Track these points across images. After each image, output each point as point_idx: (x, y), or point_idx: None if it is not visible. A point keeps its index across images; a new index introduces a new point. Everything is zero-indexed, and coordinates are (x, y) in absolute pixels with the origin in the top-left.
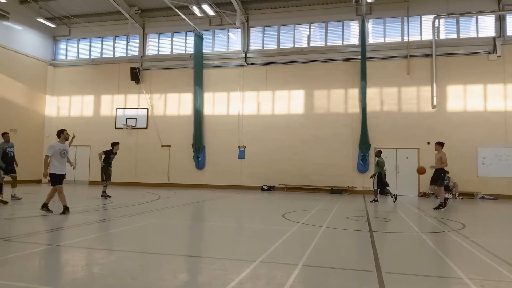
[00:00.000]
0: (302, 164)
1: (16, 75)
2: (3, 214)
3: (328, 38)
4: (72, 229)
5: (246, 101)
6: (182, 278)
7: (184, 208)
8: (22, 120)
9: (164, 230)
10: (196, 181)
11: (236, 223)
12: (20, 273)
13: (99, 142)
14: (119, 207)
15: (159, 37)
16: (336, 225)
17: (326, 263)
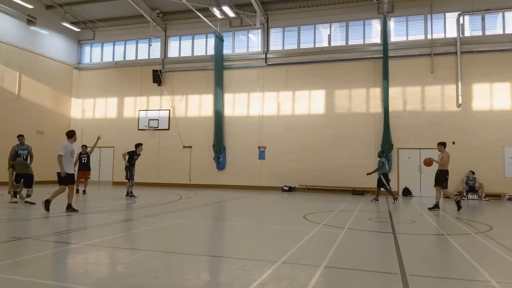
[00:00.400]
0: (323, 164)
1: (42, 78)
2: (31, 214)
3: (349, 37)
4: (97, 228)
5: (266, 101)
6: (204, 278)
7: (205, 209)
8: (49, 122)
9: (186, 230)
10: (216, 181)
11: (257, 224)
12: (48, 271)
13: (123, 143)
14: (142, 207)
15: (180, 39)
16: (358, 226)
17: (349, 265)
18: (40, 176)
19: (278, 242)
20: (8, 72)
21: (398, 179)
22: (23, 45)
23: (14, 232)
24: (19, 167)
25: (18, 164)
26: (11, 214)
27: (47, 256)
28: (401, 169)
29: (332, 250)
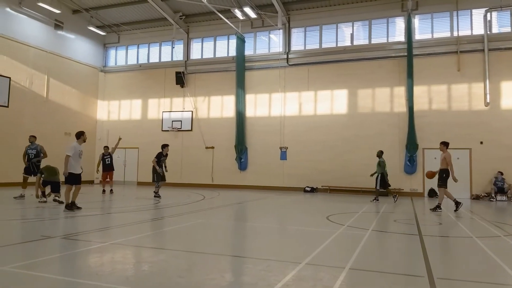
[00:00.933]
0: (346, 165)
1: (70, 81)
2: (60, 214)
3: (372, 36)
4: (123, 227)
5: (288, 102)
6: (228, 278)
7: (228, 209)
8: (76, 124)
9: (210, 230)
10: (238, 182)
11: (279, 224)
12: (76, 269)
13: (147, 144)
14: (166, 207)
15: (203, 41)
16: (383, 228)
17: (374, 267)
18: None
19: (301, 243)
20: (36, 76)
21: (423, 180)
22: (51, 49)
23: (44, 231)
24: (46, 174)
25: (46, 171)
26: (41, 213)
27: (76, 254)
28: (426, 169)
29: (356, 252)
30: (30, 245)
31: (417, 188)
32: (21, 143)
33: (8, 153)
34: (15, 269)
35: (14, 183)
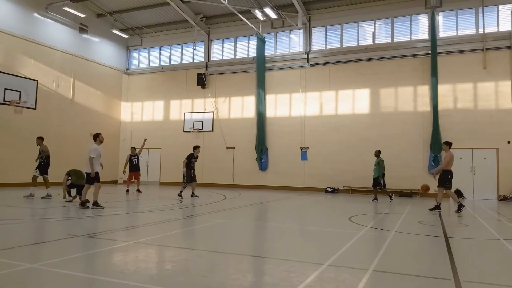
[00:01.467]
0: (368, 165)
1: (94, 83)
2: (86, 213)
3: (394, 34)
4: (147, 227)
5: (309, 102)
6: (250, 278)
7: (249, 209)
8: (100, 125)
9: (231, 230)
10: (259, 182)
11: (301, 225)
12: (102, 267)
13: (169, 145)
14: (188, 207)
15: (223, 43)
16: (407, 229)
17: (399, 269)
18: None
19: (323, 244)
20: (63, 78)
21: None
22: (76, 52)
23: (70, 230)
24: (74, 177)
25: (74, 174)
26: (67, 213)
27: (101, 253)
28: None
29: (380, 254)
30: (58, 244)
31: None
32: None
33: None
34: (44, 266)
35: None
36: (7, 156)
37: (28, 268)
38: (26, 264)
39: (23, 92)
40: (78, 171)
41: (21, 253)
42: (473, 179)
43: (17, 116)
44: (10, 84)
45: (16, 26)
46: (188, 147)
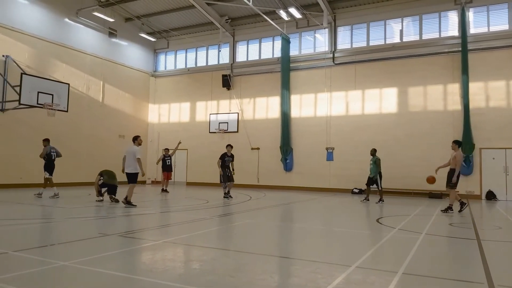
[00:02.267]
0: (396, 166)
1: (123, 86)
2: (115, 212)
3: (423, 31)
4: (174, 226)
5: (334, 101)
6: (277, 279)
7: (274, 210)
8: (129, 127)
9: (257, 230)
10: (284, 183)
11: (327, 226)
12: (131, 266)
13: (195, 146)
14: (214, 207)
15: (248, 44)
16: (437, 232)
17: (429, 272)
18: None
19: (351, 246)
20: (93, 82)
21: (481, 182)
22: (106, 56)
23: (101, 228)
24: (106, 177)
25: (106, 174)
26: (98, 212)
27: (131, 251)
28: (484, 170)
29: (409, 256)
30: (89, 242)
31: (473, 190)
32: (80, 146)
33: (69, 155)
34: (76, 264)
35: (75, 183)
36: None
37: (61, 266)
38: (59, 261)
39: (55, 95)
40: (109, 171)
41: (54, 251)
42: (506, 180)
43: (50, 119)
44: (43, 88)
45: (48, 31)
46: (214, 148)
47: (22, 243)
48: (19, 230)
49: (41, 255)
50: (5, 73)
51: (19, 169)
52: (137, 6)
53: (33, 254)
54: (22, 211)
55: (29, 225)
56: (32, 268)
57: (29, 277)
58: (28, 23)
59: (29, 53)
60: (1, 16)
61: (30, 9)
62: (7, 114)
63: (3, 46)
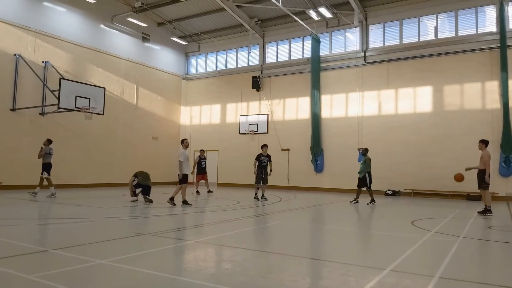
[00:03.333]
0: (432, 167)
1: (156, 89)
2: (149, 213)
3: (459, 28)
4: (206, 227)
5: (366, 101)
6: (309, 281)
7: (305, 211)
8: (162, 129)
9: (288, 231)
10: (315, 184)
11: (359, 229)
12: (165, 265)
13: (226, 147)
14: (244, 208)
15: (278, 45)
16: (476, 235)
17: (467, 277)
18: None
19: (384, 248)
20: (127, 85)
21: None
22: (139, 60)
23: (135, 228)
24: (140, 178)
25: (140, 175)
26: (133, 212)
27: (164, 251)
28: None
29: (446, 260)
30: (124, 241)
31: None
32: (115, 148)
33: (104, 157)
34: (112, 262)
35: (111, 184)
36: (78, 158)
37: (97, 264)
38: (96, 260)
39: (92, 99)
40: (144, 172)
41: (91, 249)
42: None
43: (87, 121)
44: (81, 92)
45: (85, 37)
46: (244, 149)
47: (61, 242)
48: (58, 229)
49: (79, 253)
50: (45, 79)
51: (58, 170)
52: (169, 10)
53: (72, 253)
54: (61, 211)
55: (68, 225)
56: (71, 265)
57: (68, 275)
58: (66, 30)
59: (67, 59)
60: (41, 24)
61: (68, 17)
62: (47, 117)
63: (43, 53)
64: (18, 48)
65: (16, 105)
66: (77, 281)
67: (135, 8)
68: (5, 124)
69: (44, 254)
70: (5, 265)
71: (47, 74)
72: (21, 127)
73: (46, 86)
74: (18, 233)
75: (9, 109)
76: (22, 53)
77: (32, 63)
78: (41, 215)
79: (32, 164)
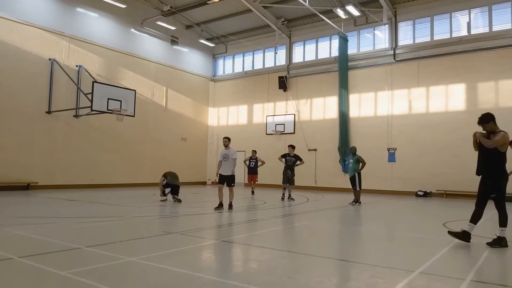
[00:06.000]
0: (465, 167)
1: (184, 91)
2: (178, 212)
3: (492, 23)
4: (233, 226)
5: (395, 100)
6: (336, 282)
7: (333, 212)
8: (190, 130)
9: (315, 232)
10: (342, 184)
11: (389, 230)
12: (192, 263)
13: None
14: (271, 208)
15: (304, 44)
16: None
17: (502, 281)
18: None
19: (414, 250)
20: (157, 87)
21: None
22: (168, 62)
23: (164, 227)
24: (169, 178)
25: (169, 175)
26: (162, 211)
27: (192, 249)
28: None
29: (479, 263)
30: (154, 240)
31: None
32: (146, 149)
33: (135, 157)
34: (142, 260)
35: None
36: (110, 159)
37: (128, 261)
38: (127, 257)
39: (123, 101)
40: (173, 172)
41: (122, 247)
42: None
43: (118, 123)
44: (112, 95)
45: (117, 41)
46: (270, 150)
47: (94, 239)
48: (91, 228)
49: (111, 250)
50: (78, 82)
51: (91, 171)
52: (196, 13)
53: (103, 250)
54: (94, 210)
55: (100, 223)
56: (103, 262)
57: (100, 271)
58: (98, 35)
59: (99, 63)
60: (74, 29)
61: (100, 22)
62: (81, 120)
63: (76, 57)
64: (53, 53)
65: (52, 108)
66: (108, 278)
67: (164, 11)
68: (41, 126)
69: (77, 251)
70: (39, 262)
71: (81, 77)
72: (56, 129)
73: (79, 89)
74: (52, 231)
75: (45, 112)
76: (57, 57)
77: (66, 67)
78: (75, 214)
79: (67, 165)
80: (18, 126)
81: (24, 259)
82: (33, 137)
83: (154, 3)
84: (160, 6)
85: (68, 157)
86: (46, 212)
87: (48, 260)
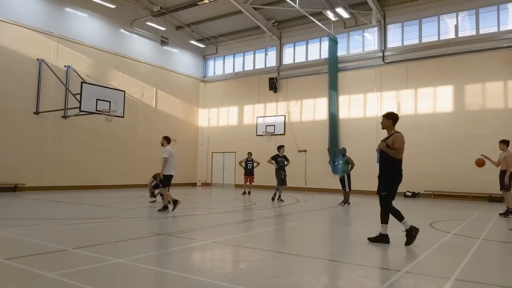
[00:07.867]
0: (452, 168)
1: (174, 92)
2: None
3: (480, 26)
4: (222, 227)
5: (384, 101)
6: (323, 281)
7: (322, 212)
8: (181, 131)
9: (304, 232)
10: (332, 185)
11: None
12: (181, 264)
13: (243, 148)
14: (261, 209)
15: (295, 46)
16: (496, 237)
17: (485, 279)
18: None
19: (401, 250)
20: (147, 88)
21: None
22: (158, 63)
23: (153, 228)
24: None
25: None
26: (151, 212)
27: (180, 251)
28: None
29: (464, 262)
30: (142, 241)
31: None
32: (135, 150)
33: (124, 158)
34: (130, 261)
35: (131, 185)
36: (99, 160)
37: (116, 263)
38: (115, 259)
39: (112, 102)
40: None
41: (110, 249)
42: None
43: (108, 124)
44: (101, 95)
45: (106, 42)
46: (261, 151)
47: (81, 241)
48: (79, 229)
49: (99, 252)
50: (67, 82)
51: (80, 172)
52: (187, 14)
53: (91, 251)
54: (82, 211)
55: (88, 224)
56: (91, 264)
57: (87, 273)
58: (87, 35)
59: (88, 63)
60: (63, 29)
61: (89, 22)
62: (69, 120)
63: (65, 57)
64: (41, 53)
65: (40, 109)
66: (95, 279)
67: (154, 12)
68: (29, 127)
69: (63, 253)
70: (26, 263)
71: (69, 78)
72: (44, 130)
73: (68, 89)
74: (40, 233)
75: (33, 113)
76: (45, 58)
77: (54, 67)
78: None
79: (55, 166)
80: (5, 126)
81: (11, 260)
82: (20, 137)
83: (144, 4)
84: (150, 6)
85: (56, 158)
86: (33, 214)
87: (35, 261)
